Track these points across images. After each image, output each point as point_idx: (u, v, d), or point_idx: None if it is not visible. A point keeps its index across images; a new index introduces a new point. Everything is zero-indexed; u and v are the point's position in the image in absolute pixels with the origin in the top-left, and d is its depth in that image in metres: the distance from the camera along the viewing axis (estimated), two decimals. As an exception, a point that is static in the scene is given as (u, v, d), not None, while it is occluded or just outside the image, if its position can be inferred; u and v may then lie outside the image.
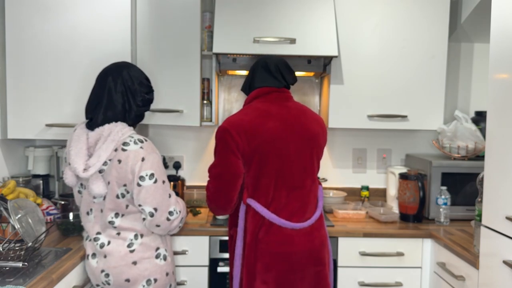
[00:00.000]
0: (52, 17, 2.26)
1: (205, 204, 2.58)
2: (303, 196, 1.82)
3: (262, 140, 1.75)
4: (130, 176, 1.64)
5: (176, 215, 1.73)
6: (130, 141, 1.66)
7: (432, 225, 2.31)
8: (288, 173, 1.79)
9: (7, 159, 2.37)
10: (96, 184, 1.65)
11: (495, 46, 1.66)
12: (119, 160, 1.64)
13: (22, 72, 2.27)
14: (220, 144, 1.78)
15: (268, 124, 1.77)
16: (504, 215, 1.55)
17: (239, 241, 1.81)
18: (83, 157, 1.65)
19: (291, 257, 1.78)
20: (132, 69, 1.77)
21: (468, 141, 2.44)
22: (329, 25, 2.31)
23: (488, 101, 1.69)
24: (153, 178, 1.66)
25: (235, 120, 1.78)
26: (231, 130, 1.75)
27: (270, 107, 1.82)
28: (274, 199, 1.78)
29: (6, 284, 1.41)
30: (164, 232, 1.76)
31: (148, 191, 1.65)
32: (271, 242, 1.76)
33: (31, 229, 1.69)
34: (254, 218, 1.78)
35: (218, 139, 1.79)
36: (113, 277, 1.70)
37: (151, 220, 1.69)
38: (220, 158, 1.79)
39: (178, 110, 2.37)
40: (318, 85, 2.79)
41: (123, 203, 1.69)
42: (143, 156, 1.65)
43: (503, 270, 1.56)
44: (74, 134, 1.73)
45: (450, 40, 2.72)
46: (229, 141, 1.75)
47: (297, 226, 1.78)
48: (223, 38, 2.25)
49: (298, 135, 1.81)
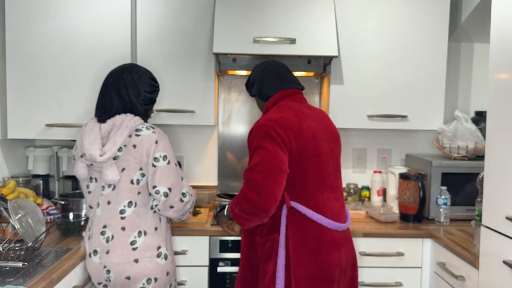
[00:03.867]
0: (52, 17, 2.27)
1: (205, 203, 2.58)
2: (339, 196, 1.82)
3: (304, 138, 1.71)
4: (146, 159, 1.72)
5: (188, 197, 1.81)
6: (143, 127, 1.76)
7: (432, 225, 2.31)
8: (326, 173, 1.76)
9: (7, 159, 2.37)
10: (110, 170, 1.70)
11: (495, 46, 1.66)
12: (134, 145, 1.72)
13: (22, 72, 2.27)
14: (265, 139, 1.66)
15: (306, 123, 1.75)
16: (504, 215, 1.55)
17: (281, 250, 1.68)
18: (98, 145, 1.72)
19: (339, 262, 1.73)
20: (134, 70, 1.83)
21: (468, 141, 2.44)
22: (329, 25, 2.31)
23: (488, 101, 1.69)
24: (167, 159, 1.74)
25: (275, 117, 1.72)
26: (275, 126, 1.67)
27: (301, 107, 1.81)
28: (318, 200, 1.72)
29: (6, 284, 1.41)
30: (178, 215, 1.80)
31: (163, 171, 1.72)
32: (319, 248, 1.69)
33: (31, 229, 1.69)
34: (299, 222, 1.69)
35: (262, 134, 1.67)
36: (114, 273, 1.70)
37: (165, 201, 1.74)
38: (267, 153, 1.64)
39: (190, 110, 2.37)
40: (318, 85, 2.80)
41: (135, 190, 1.73)
42: (156, 139, 1.74)
43: (503, 270, 1.56)
44: (86, 127, 1.79)
45: (450, 40, 2.72)
46: (275, 136, 1.66)
47: (342, 226, 1.76)
48: (223, 38, 2.25)
49: (329, 135, 1.82)
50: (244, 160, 2.80)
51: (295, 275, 1.66)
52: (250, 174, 1.66)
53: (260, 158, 1.65)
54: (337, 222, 1.74)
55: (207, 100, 2.39)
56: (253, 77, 1.94)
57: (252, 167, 1.66)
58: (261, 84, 1.90)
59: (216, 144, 2.79)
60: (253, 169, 1.65)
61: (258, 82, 1.91)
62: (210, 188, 2.74)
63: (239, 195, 1.71)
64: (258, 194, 1.62)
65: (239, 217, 1.72)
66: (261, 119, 1.74)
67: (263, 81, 1.90)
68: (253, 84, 1.94)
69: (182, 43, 2.36)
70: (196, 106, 2.39)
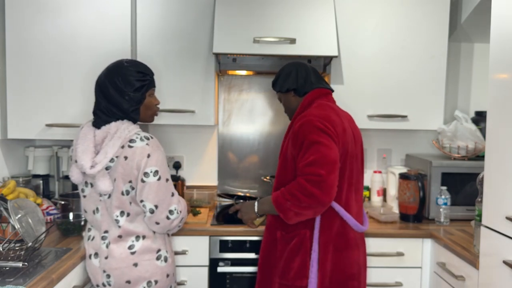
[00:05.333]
0: (52, 17, 2.27)
1: (205, 203, 2.58)
2: (360, 198, 1.87)
3: (347, 138, 1.75)
4: (136, 172, 1.65)
5: (176, 215, 1.73)
6: (137, 138, 1.67)
7: (432, 225, 2.31)
8: (355, 174, 1.80)
9: (7, 159, 2.37)
10: (102, 181, 1.65)
11: (495, 46, 1.66)
12: (125, 157, 1.65)
13: (22, 72, 2.27)
14: (321, 134, 1.66)
15: (346, 123, 1.78)
16: (504, 215, 1.55)
17: (315, 245, 1.72)
18: (90, 154, 1.66)
19: (359, 260, 1.81)
20: (122, 70, 1.73)
21: (468, 141, 2.44)
22: (329, 25, 2.31)
23: (488, 101, 1.69)
24: (157, 175, 1.67)
25: (323, 115, 1.72)
26: (324, 122, 1.68)
27: (336, 108, 1.84)
28: (348, 200, 1.77)
29: (6, 284, 1.41)
30: (163, 231, 1.76)
31: (151, 187, 1.66)
32: (344, 245, 1.75)
33: (31, 229, 1.69)
34: (330, 219, 1.74)
35: (315, 129, 1.66)
36: (114, 278, 1.70)
37: (150, 217, 1.69)
38: (326, 148, 1.64)
39: (190, 110, 2.37)
40: (318, 85, 2.79)
41: (127, 200, 1.69)
42: (148, 152, 1.66)
43: (503, 270, 1.56)
44: (81, 132, 1.74)
45: (450, 40, 2.72)
46: (330, 132, 1.67)
47: (363, 228, 1.84)
48: (223, 38, 2.25)
49: (357, 137, 1.86)
50: (244, 160, 2.80)
51: (322, 270, 1.72)
52: (311, 169, 1.63)
53: (320, 153, 1.63)
54: (361, 224, 1.82)
55: (207, 100, 2.39)
56: (288, 71, 1.92)
57: (312, 162, 1.63)
58: (300, 78, 1.88)
59: (216, 144, 2.79)
60: (313, 164, 1.63)
61: (294, 76, 1.89)
62: (210, 188, 2.74)
63: (293, 190, 1.66)
64: (321, 189, 1.61)
65: (289, 211, 1.69)
66: (308, 115, 1.72)
67: (302, 76, 1.89)
68: (288, 78, 1.90)
69: (182, 43, 2.36)
70: (196, 106, 2.39)
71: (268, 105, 2.80)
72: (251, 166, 2.81)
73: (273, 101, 2.79)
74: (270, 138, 2.81)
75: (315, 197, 1.62)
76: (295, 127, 1.74)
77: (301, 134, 1.70)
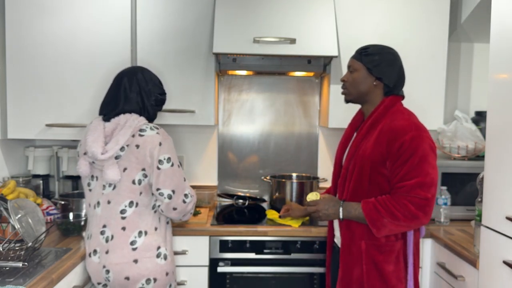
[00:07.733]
0: (52, 17, 2.27)
1: (205, 203, 2.58)
2: None
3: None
4: (149, 160, 1.72)
5: (190, 198, 1.83)
6: (146, 127, 1.76)
7: (432, 225, 2.31)
8: None
9: (7, 159, 2.37)
10: (111, 169, 1.70)
11: (495, 46, 1.66)
12: (137, 145, 1.71)
13: (22, 72, 2.27)
14: (430, 153, 1.65)
15: None
16: (504, 215, 1.55)
17: (410, 254, 1.73)
18: (101, 143, 1.72)
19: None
20: (146, 72, 1.88)
21: (468, 141, 2.44)
22: (329, 25, 2.31)
23: (488, 101, 1.69)
24: (170, 161, 1.75)
25: (420, 124, 1.70)
26: (432, 140, 1.69)
27: None
28: None
29: (6, 284, 1.41)
30: (180, 216, 1.82)
31: (166, 174, 1.73)
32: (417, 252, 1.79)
33: (31, 229, 1.69)
34: (416, 230, 1.79)
35: (427, 145, 1.64)
36: (113, 274, 1.70)
37: (168, 203, 1.76)
38: (433, 170, 1.64)
39: (191, 110, 2.38)
40: (318, 85, 2.79)
41: (137, 190, 1.73)
42: (160, 141, 1.74)
43: (503, 270, 1.56)
44: (90, 125, 1.81)
45: (450, 40, 2.72)
46: (435, 149, 1.68)
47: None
48: (223, 38, 2.25)
49: None
50: (244, 160, 2.80)
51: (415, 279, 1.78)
52: (418, 192, 1.60)
53: (429, 177, 1.62)
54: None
55: (207, 100, 2.39)
56: (390, 59, 1.77)
57: (421, 184, 1.60)
58: (402, 76, 1.80)
59: (216, 144, 2.79)
60: (421, 186, 1.61)
61: (392, 69, 1.76)
62: (210, 188, 2.74)
63: (392, 209, 1.62)
64: (425, 212, 1.62)
65: (384, 228, 1.66)
66: (411, 122, 1.67)
67: (399, 71, 1.79)
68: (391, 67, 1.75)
69: (182, 43, 2.37)
70: (196, 106, 2.39)
71: (268, 105, 2.80)
72: (251, 166, 2.81)
73: (273, 101, 2.80)
74: (270, 138, 2.81)
75: (418, 220, 1.62)
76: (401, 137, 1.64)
77: (412, 146, 1.62)
